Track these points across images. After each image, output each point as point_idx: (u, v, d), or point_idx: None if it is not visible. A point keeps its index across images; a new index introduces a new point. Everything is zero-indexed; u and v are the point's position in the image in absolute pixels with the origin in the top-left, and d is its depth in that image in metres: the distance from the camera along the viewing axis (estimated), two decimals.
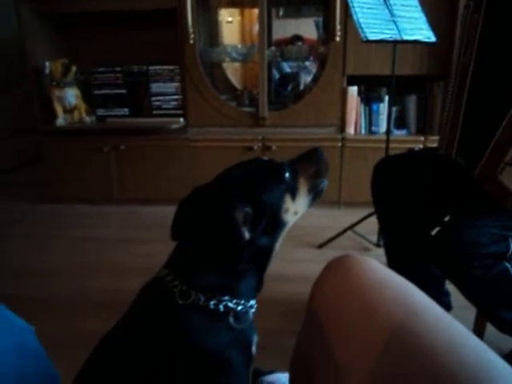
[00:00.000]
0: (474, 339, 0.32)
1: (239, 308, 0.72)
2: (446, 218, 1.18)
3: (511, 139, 0.95)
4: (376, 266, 0.40)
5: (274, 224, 0.77)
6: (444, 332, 0.32)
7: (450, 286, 1.31)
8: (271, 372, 0.93)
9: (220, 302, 0.70)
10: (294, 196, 0.80)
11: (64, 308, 1.67)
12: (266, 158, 0.86)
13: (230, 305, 0.71)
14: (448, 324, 0.33)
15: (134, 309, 0.74)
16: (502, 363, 0.30)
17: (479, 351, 0.31)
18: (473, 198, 1.09)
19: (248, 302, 0.74)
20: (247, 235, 0.70)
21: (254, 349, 0.75)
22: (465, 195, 1.12)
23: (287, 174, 0.80)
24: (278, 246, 0.80)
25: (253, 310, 0.76)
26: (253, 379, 0.91)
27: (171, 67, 2.72)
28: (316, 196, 0.87)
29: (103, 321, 0.74)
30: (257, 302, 0.78)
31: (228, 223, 0.69)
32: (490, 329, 1.23)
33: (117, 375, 0.66)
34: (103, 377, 0.67)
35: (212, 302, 0.69)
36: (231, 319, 0.71)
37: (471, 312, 1.27)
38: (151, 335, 0.68)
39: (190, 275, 0.71)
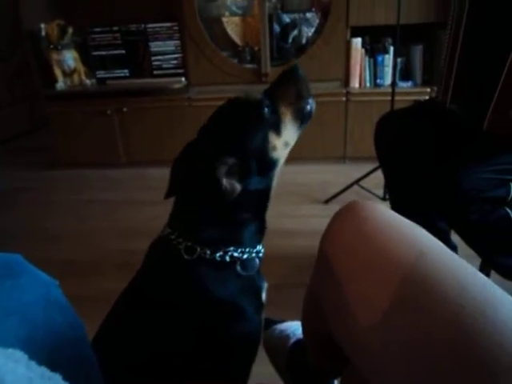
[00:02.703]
0: (480, 276, 0.34)
1: (245, 256, 0.74)
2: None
3: None
4: (384, 210, 0.41)
5: (265, 165, 0.74)
6: (452, 271, 0.34)
7: (455, 238, 1.33)
8: (283, 321, 0.97)
9: (226, 253, 0.72)
10: (278, 129, 0.75)
11: (77, 270, 1.73)
12: (243, 96, 0.79)
13: (236, 254, 0.72)
14: (455, 262, 0.35)
15: (144, 269, 0.76)
16: (506, 296, 0.31)
17: (485, 285, 0.32)
18: (472, 144, 1.09)
19: (253, 248, 0.76)
20: (238, 186, 0.69)
21: (264, 295, 0.77)
22: (466, 142, 1.12)
23: (266, 110, 0.74)
24: (275, 184, 0.77)
25: (260, 254, 0.77)
26: (265, 328, 0.95)
27: (169, 24, 2.65)
28: (304, 120, 0.80)
29: (116, 281, 0.77)
30: (264, 254, 0.78)
31: (212, 182, 0.68)
32: (493, 277, 1.26)
33: (135, 332, 0.70)
34: (122, 333, 0.71)
35: (218, 254, 0.71)
36: (238, 268, 0.73)
37: (476, 261, 1.30)
38: (164, 292, 0.70)
39: (192, 231, 0.72)
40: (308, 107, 0.80)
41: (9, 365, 0.29)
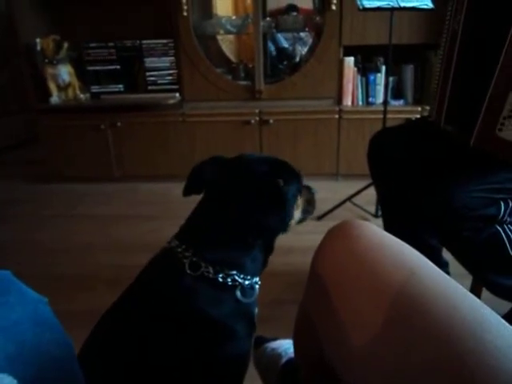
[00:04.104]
0: (469, 296, 0.34)
1: (246, 283, 0.74)
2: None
3: (506, 91, 0.93)
4: (375, 230, 0.41)
5: (281, 215, 0.80)
6: (442, 291, 0.34)
7: (447, 256, 1.34)
8: (275, 339, 0.96)
9: (228, 275, 0.72)
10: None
11: (68, 284, 1.70)
12: None
13: (238, 279, 0.73)
14: (445, 282, 0.35)
15: (142, 279, 0.76)
16: (495, 316, 0.31)
17: (475, 306, 0.32)
18: (463, 163, 1.10)
19: (253, 278, 0.77)
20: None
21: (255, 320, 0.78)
22: (457, 161, 1.13)
23: (302, 179, 0.87)
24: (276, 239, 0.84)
25: (257, 286, 0.78)
26: (257, 346, 0.94)
27: (165, 41, 2.67)
28: (300, 221, 0.91)
29: (107, 296, 0.76)
30: (260, 278, 0.80)
31: (276, 188, 0.75)
32: (485, 294, 1.27)
33: (123, 344, 0.69)
34: (109, 345, 0.70)
35: (220, 275, 0.71)
36: (238, 293, 0.73)
37: (468, 280, 1.30)
38: (159, 304, 0.70)
39: (202, 247, 0.73)
40: (307, 215, 0.92)
41: None
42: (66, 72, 2.73)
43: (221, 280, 0.71)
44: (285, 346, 0.91)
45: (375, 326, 0.35)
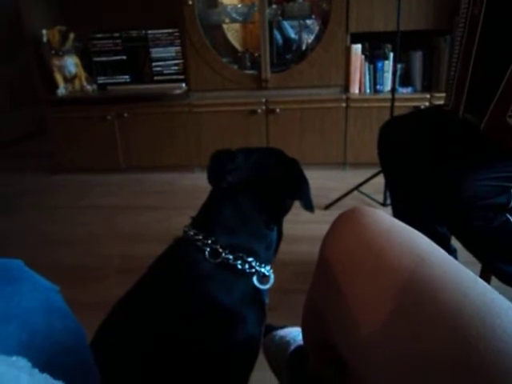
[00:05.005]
0: (480, 282, 0.34)
1: (262, 270, 0.76)
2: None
3: None
4: (385, 217, 0.41)
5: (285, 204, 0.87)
6: (452, 277, 0.34)
7: (455, 243, 1.33)
8: (283, 327, 0.96)
9: (246, 262, 0.73)
10: None
11: (77, 275, 1.72)
12: None
13: (255, 266, 0.74)
14: (455, 269, 0.35)
15: (158, 268, 0.76)
16: (506, 302, 0.31)
17: (485, 292, 0.32)
18: (474, 152, 1.09)
19: (266, 266, 0.78)
20: None
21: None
22: (468, 150, 1.11)
23: None
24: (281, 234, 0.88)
25: (272, 273, 0.80)
26: (266, 333, 0.95)
27: (170, 30, 2.66)
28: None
29: (116, 286, 0.77)
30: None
31: (297, 168, 0.82)
32: (494, 282, 1.26)
33: (136, 332, 0.69)
34: (122, 335, 0.70)
35: (239, 262, 0.73)
36: (255, 279, 0.74)
37: (476, 267, 1.30)
38: (179, 293, 0.70)
39: (223, 235, 0.74)
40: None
41: (12, 372, 0.29)
42: (72, 63, 2.73)
43: (240, 267, 0.72)
44: (293, 333, 0.91)
45: (383, 313, 0.35)
